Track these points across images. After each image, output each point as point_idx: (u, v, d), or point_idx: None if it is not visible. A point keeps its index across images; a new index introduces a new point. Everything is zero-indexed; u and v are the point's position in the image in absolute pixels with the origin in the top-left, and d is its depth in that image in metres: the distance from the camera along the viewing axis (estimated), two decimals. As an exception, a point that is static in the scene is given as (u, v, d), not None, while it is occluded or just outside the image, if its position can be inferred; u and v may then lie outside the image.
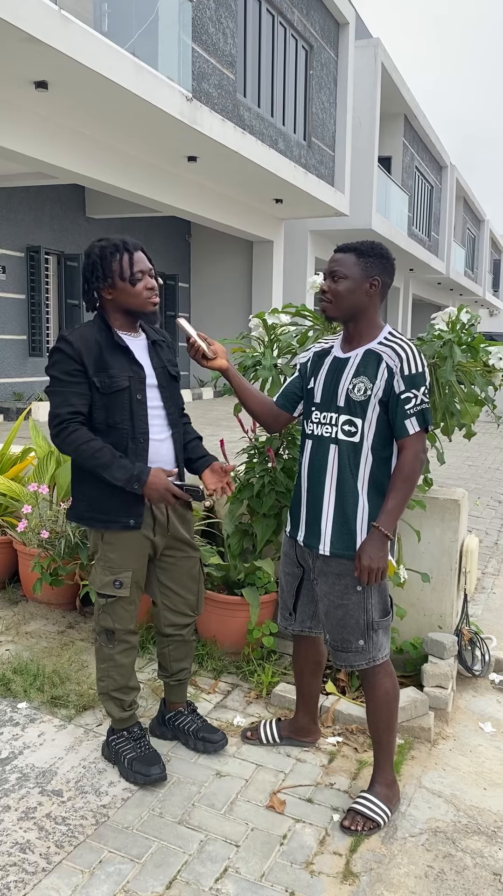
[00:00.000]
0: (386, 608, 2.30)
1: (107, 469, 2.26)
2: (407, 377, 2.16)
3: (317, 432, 2.29)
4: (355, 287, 2.21)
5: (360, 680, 2.37)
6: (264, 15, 11.64)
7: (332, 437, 2.25)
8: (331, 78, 14.21)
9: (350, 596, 2.24)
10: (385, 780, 2.32)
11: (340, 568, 2.25)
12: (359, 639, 2.26)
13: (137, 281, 2.32)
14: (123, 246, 2.33)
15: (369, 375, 2.19)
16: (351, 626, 2.25)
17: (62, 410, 2.29)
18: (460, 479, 7.67)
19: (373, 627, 2.26)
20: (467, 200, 30.27)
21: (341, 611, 2.25)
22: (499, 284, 42.08)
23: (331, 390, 2.27)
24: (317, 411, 2.30)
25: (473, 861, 2.12)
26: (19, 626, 3.60)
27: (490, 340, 2.97)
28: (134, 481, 2.26)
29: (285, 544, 2.49)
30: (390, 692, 2.32)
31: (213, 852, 2.11)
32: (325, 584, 2.29)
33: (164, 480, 2.29)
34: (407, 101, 18.53)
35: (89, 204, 14.03)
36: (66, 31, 6.79)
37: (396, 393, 2.16)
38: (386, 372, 2.18)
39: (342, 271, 2.21)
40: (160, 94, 8.31)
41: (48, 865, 2.04)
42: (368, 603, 2.25)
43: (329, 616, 2.30)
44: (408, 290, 25.31)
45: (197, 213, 12.41)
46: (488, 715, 2.92)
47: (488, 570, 4.70)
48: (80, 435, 2.27)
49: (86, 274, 2.36)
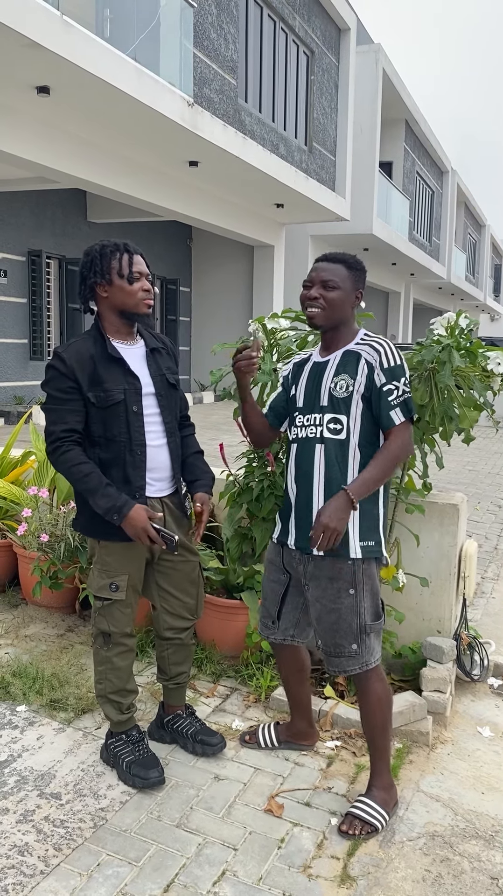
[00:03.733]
0: (377, 612, 2.30)
1: (91, 495, 2.28)
2: (386, 370, 2.22)
3: (302, 434, 2.31)
4: (346, 297, 2.27)
5: (355, 685, 2.37)
6: (265, 20, 11.68)
7: (318, 437, 2.27)
8: (332, 83, 14.26)
9: (343, 599, 2.24)
10: (382, 784, 2.32)
11: (333, 571, 2.25)
12: (352, 643, 2.25)
13: (135, 280, 2.33)
14: (124, 247, 2.35)
15: (349, 372, 2.25)
16: (344, 630, 2.25)
17: (57, 428, 2.31)
18: (460, 483, 7.67)
19: (365, 631, 2.26)
20: (468, 205, 30.34)
21: (334, 615, 2.25)
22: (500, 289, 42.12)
23: (314, 392, 2.30)
24: (300, 415, 2.33)
25: (471, 865, 2.12)
26: (19, 629, 3.61)
27: (490, 346, 2.98)
28: (114, 512, 2.26)
29: (270, 551, 2.47)
30: (383, 696, 2.32)
31: (211, 855, 2.11)
32: (317, 588, 2.28)
33: (143, 520, 2.27)
34: (408, 106, 18.60)
35: (91, 208, 14.08)
36: (68, 36, 6.83)
37: (378, 386, 2.21)
38: (366, 367, 2.23)
39: (336, 281, 2.25)
40: (162, 100, 8.34)
41: (46, 868, 2.04)
42: (361, 606, 2.25)
43: (321, 621, 2.29)
44: (409, 295, 25.35)
45: (198, 218, 12.45)
46: (486, 719, 2.92)
47: (487, 574, 4.71)
48: (72, 456, 2.29)
49: (83, 271, 2.37)
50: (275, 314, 3.19)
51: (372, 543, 2.26)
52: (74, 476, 2.29)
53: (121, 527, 2.29)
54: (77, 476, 2.28)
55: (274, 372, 3.01)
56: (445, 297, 30.79)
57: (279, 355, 3.12)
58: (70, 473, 2.29)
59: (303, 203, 13.33)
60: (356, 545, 2.24)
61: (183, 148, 9.87)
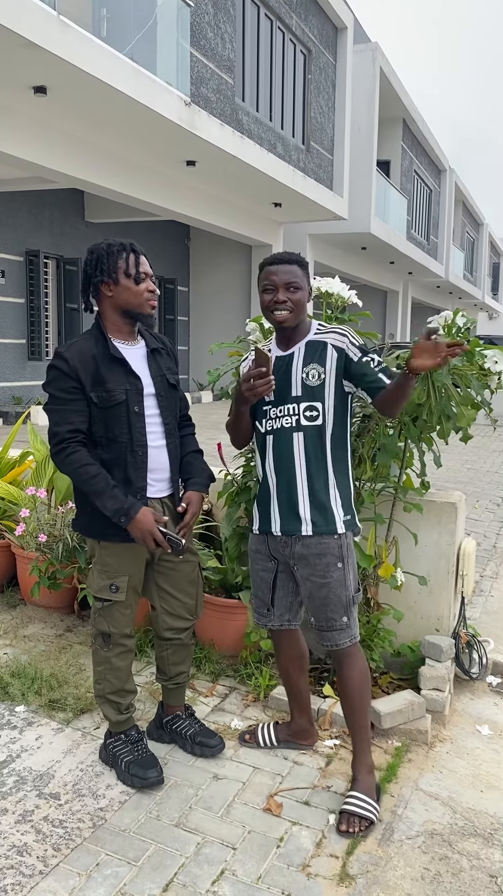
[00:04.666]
0: (357, 584, 2.43)
1: (98, 497, 2.28)
2: (358, 346, 2.35)
3: (277, 426, 2.38)
4: (306, 296, 2.39)
5: (335, 663, 2.44)
6: (262, 20, 11.68)
7: (294, 426, 2.35)
8: (329, 82, 14.26)
9: (332, 573, 2.34)
10: (366, 767, 2.36)
11: (320, 547, 2.34)
12: (342, 615, 2.36)
13: (141, 280, 2.34)
14: (131, 247, 2.35)
15: (319, 361, 2.34)
16: (334, 603, 2.35)
17: (61, 429, 2.30)
18: (458, 482, 7.68)
19: (352, 602, 2.38)
20: (466, 204, 30.34)
21: (325, 590, 2.34)
22: (499, 288, 42.15)
23: (284, 385, 2.36)
24: (272, 408, 2.39)
25: (470, 863, 2.12)
26: (17, 629, 3.60)
27: (489, 344, 2.97)
28: (122, 514, 2.26)
29: (254, 543, 2.52)
30: (364, 670, 2.42)
31: (210, 855, 2.11)
32: (307, 566, 2.36)
33: (150, 523, 2.28)
34: (405, 105, 18.59)
35: (88, 208, 14.08)
36: (65, 36, 6.82)
37: (356, 360, 2.32)
38: (334, 352, 2.34)
39: (297, 282, 2.34)
40: (159, 99, 8.34)
41: (45, 868, 2.04)
42: (347, 578, 2.36)
43: (312, 598, 2.37)
44: (408, 294, 25.35)
45: (196, 217, 12.45)
46: (485, 718, 2.93)
47: (486, 573, 4.71)
48: (78, 457, 2.28)
49: (87, 269, 2.36)
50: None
51: (349, 517, 2.39)
52: (81, 477, 2.29)
53: (126, 529, 2.29)
54: (84, 477, 2.28)
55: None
56: (443, 296, 30.80)
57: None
58: (77, 475, 2.29)
59: (300, 202, 13.33)
60: (340, 520, 2.36)
61: (180, 147, 9.87)
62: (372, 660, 2.94)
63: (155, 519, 2.30)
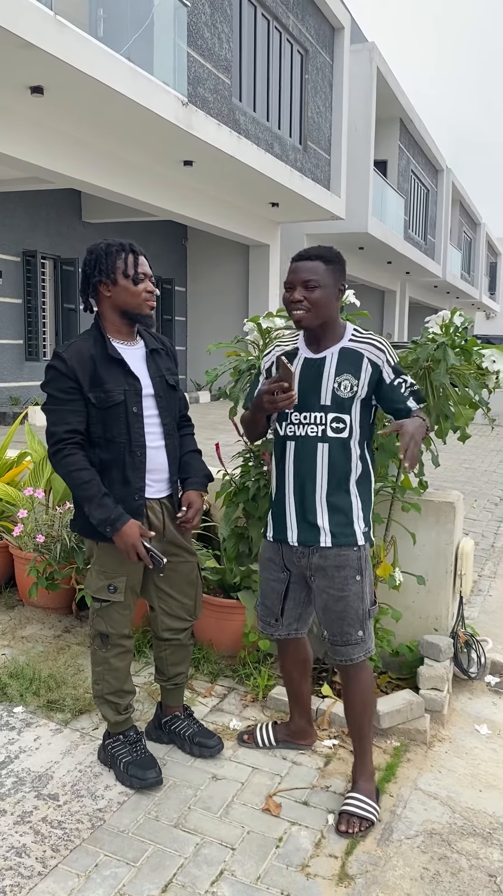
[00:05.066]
0: (373, 597, 2.38)
1: (87, 503, 2.27)
2: (393, 367, 2.27)
3: (300, 433, 2.29)
4: (329, 294, 2.24)
5: (342, 673, 2.39)
6: (259, 20, 11.68)
7: (320, 436, 2.27)
8: (326, 82, 14.26)
9: (350, 586, 2.28)
10: (367, 775, 2.35)
11: (340, 559, 2.28)
12: (358, 629, 2.30)
13: (140, 281, 2.33)
14: (130, 247, 2.35)
15: (352, 372, 2.25)
16: (351, 617, 2.29)
17: (59, 429, 2.30)
18: (456, 481, 7.68)
19: (369, 616, 2.33)
20: (463, 204, 30.36)
21: (342, 603, 2.28)
22: (496, 287, 42.19)
23: (311, 390, 2.27)
24: (295, 412, 2.30)
25: (469, 863, 2.12)
26: (15, 630, 3.60)
27: (486, 343, 2.97)
28: (107, 524, 2.26)
29: (268, 550, 2.46)
30: (371, 683, 2.40)
31: (209, 855, 2.11)
32: (324, 578, 2.30)
33: (134, 537, 2.27)
34: (402, 104, 18.60)
35: (85, 208, 14.06)
36: (62, 36, 6.82)
37: (388, 382, 2.25)
38: (370, 367, 2.25)
39: (316, 280, 2.22)
40: (156, 99, 8.33)
41: (44, 869, 2.04)
42: (364, 591, 2.30)
43: (328, 611, 2.31)
44: (405, 294, 25.37)
45: (193, 217, 12.44)
46: (484, 717, 2.93)
47: (484, 572, 4.71)
48: (73, 461, 2.28)
49: (87, 269, 2.36)
50: (269, 313, 3.19)
51: (367, 529, 2.34)
52: (74, 481, 2.28)
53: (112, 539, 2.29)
54: (76, 482, 2.28)
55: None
56: (441, 296, 30.82)
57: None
58: (69, 478, 2.29)
59: (298, 202, 13.33)
60: (360, 531, 2.30)
61: (177, 147, 9.86)
62: (370, 660, 2.94)
63: (141, 533, 2.30)
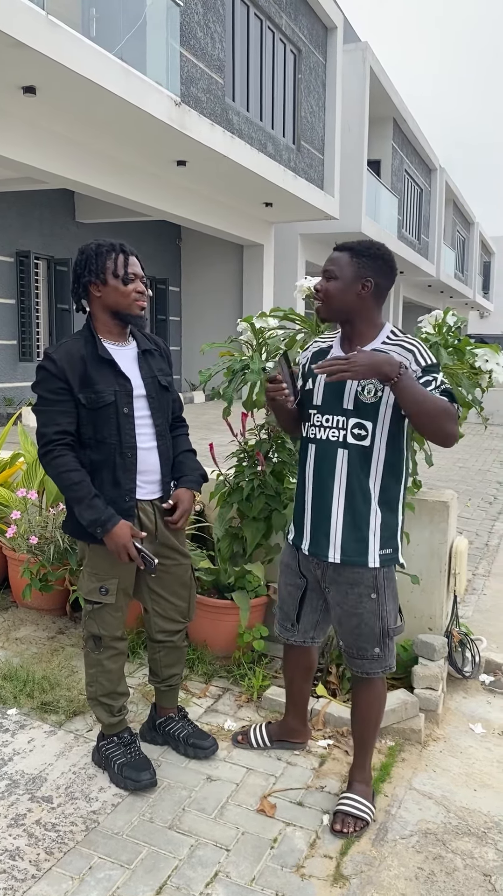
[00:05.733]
0: (397, 615, 2.28)
1: (78, 504, 2.27)
2: (424, 367, 2.10)
3: (322, 436, 2.21)
4: (345, 287, 2.13)
5: (354, 682, 2.37)
6: (252, 19, 11.67)
7: (340, 442, 2.17)
8: (319, 82, 14.26)
9: (364, 604, 2.21)
10: (364, 778, 2.34)
11: (353, 577, 2.21)
12: (374, 647, 2.24)
13: (129, 281, 2.32)
14: (120, 247, 2.33)
15: None
16: (366, 634, 2.23)
17: (49, 430, 2.29)
18: (450, 480, 7.69)
19: (388, 635, 2.24)
20: (457, 203, 30.40)
21: (356, 619, 2.23)
22: (489, 286, 42.26)
23: (336, 393, 2.18)
24: (318, 414, 2.22)
25: (464, 862, 2.12)
26: (9, 632, 3.59)
27: (481, 342, 2.98)
28: (98, 525, 2.25)
29: (286, 555, 2.42)
30: (382, 694, 2.36)
31: (204, 857, 2.10)
32: (338, 592, 2.25)
33: (125, 538, 2.26)
34: (395, 104, 18.61)
35: (79, 208, 14.03)
36: (54, 36, 6.80)
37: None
38: None
39: (334, 271, 2.13)
40: (149, 99, 8.32)
41: (38, 872, 2.03)
42: (383, 610, 2.22)
43: (343, 624, 2.27)
44: (399, 293, 25.39)
45: (187, 218, 12.43)
46: (478, 716, 2.93)
47: (478, 571, 4.72)
48: (63, 462, 2.27)
49: (77, 269, 2.34)
50: (263, 313, 3.18)
51: (389, 551, 2.23)
52: (64, 482, 2.28)
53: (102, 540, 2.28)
54: (66, 483, 2.27)
55: (263, 371, 3.01)
56: (435, 295, 30.85)
57: (268, 355, 3.11)
58: (59, 479, 2.28)
59: (291, 202, 13.32)
60: (375, 554, 2.20)
61: (171, 147, 9.85)
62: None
63: (132, 534, 2.29)
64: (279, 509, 3.15)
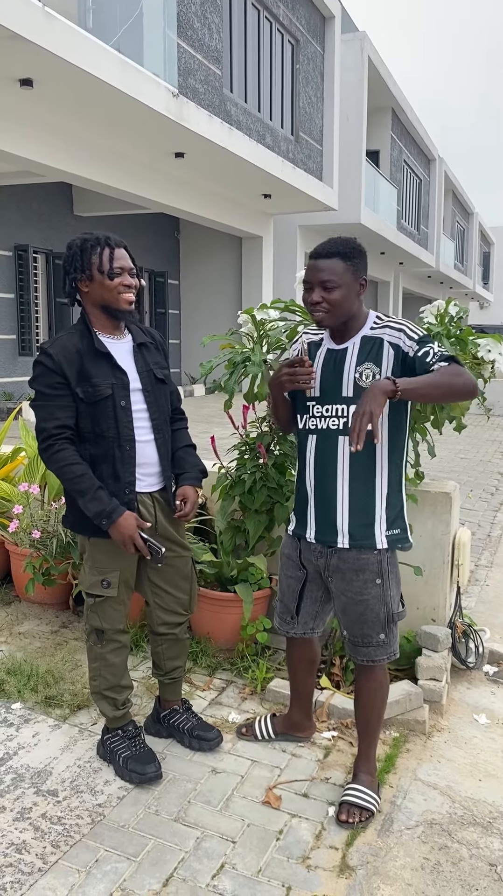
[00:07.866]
0: (400, 600, 2.30)
1: (82, 496, 2.26)
2: (416, 340, 2.13)
3: (322, 426, 2.22)
4: (349, 293, 2.15)
5: (357, 671, 2.37)
6: (249, 10, 11.59)
7: (342, 429, 2.18)
8: (317, 72, 14.18)
9: (370, 590, 2.22)
10: (368, 768, 2.35)
11: (358, 563, 2.22)
12: (379, 633, 2.25)
13: (115, 276, 2.29)
14: (105, 241, 2.30)
15: (374, 360, 2.15)
16: (371, 620, 2.24)
17: (48, 425, 2.28)
18: (452, 471, 7.69)
19: (392, 620, 2.26)
20: (456, 193, 30.28)
21: (361, 606, 2.23)
22: (489, 277, 42.16)
23: (334, 382, 2.20)
24: (317, 405, 2.23)
25: (469, 852, 2.13)
26: (12, 626, 3.59)
27: (480, 333, 2.97)
28: (104, 517, 2.24)
29: (287, 546, 2.43)
30: (385, 684, 2.36)
31: (210, 849, 2.11)
32: (342, 580, 2.25)
33: (131, 528, 2.26)
34: (394, 94, 18.51)
35: (77, 202, 13.97)
36: (50, 27, 6.75)
37: (412, 356, 2.11)
38: (390, 350, 2.15)
39: (334, 280, 2.13)
40: (146, 91, 8.27)
41: (44, 865, 2.04)
42: (388, 595, 2.24)
43: (347, 612, 2.27)
44: (398, 284, 25.33)
45: (185, 210, 12.38)
46: (482, 707, 2.93)
47: (481, 562, 4.72)
48: (64, 455, 2.26)
49: (66, 265, 2.34)
50: (263, 305, 3.17)
51: (397, 531, 2.25)
52: (66, 476, 2.27)
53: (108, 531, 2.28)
54: (69, 476, 2.26)
55: (264, 363, 3.00)
56: (434, 286, 30.78)
57: (269, 347, 3.10)
58: (62, 473, 2.27)
59: (290, 193, 13.27)
60: (382, 535, 2.22)
61: (168, 139, 9.80)
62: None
63: (138, 525, 2.28)
64: (281, 502, 3.15)
